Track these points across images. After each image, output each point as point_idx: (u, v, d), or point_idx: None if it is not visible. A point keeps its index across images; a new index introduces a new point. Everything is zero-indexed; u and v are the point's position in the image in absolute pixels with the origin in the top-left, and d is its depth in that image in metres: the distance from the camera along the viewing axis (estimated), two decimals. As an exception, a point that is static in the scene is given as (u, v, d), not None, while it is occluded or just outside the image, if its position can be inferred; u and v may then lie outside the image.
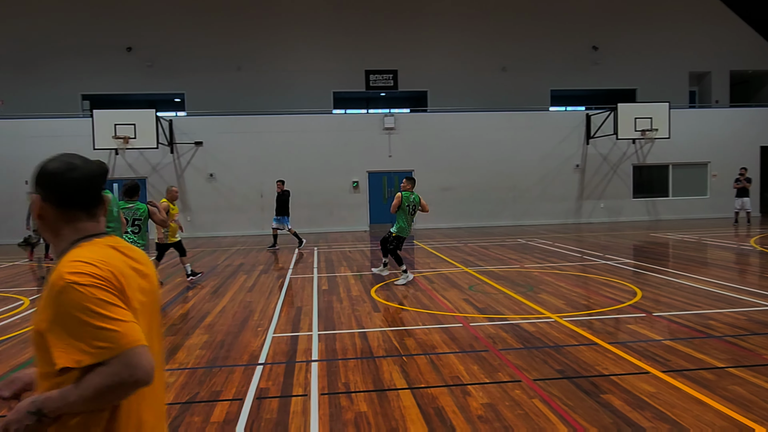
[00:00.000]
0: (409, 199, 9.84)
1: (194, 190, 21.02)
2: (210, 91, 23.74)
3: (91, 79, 23.45)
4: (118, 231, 6.77)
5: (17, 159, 20.20)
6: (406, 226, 9.89)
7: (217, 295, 9.25)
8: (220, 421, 4.16)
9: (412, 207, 9.90)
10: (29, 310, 8.38)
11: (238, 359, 5.69)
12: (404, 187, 9.97)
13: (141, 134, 18.77)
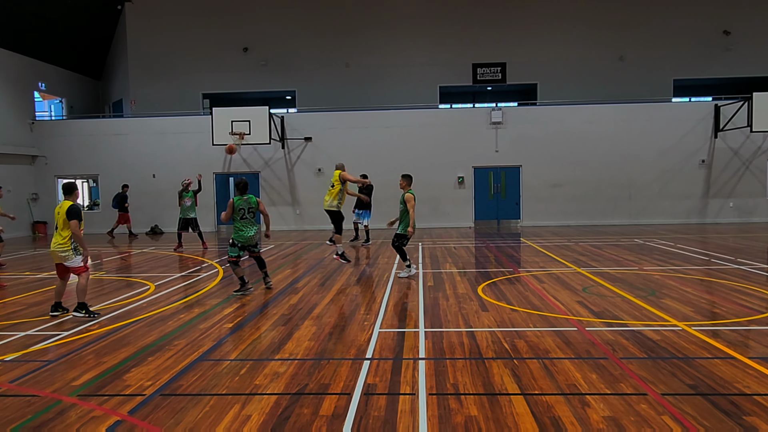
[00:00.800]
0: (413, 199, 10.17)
1: (303, 184, 21.66)
2: (319, 87, 24.41)
3: (211, 79, 24.89)
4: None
5: (146, 154, 21.88)
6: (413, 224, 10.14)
7: (324, 287, 9.40)
8: (328, 415, 4.15)
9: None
10: (155, 295, 8.95)
11: (345, 353, 5.70)
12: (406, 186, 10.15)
13: (255, 130, 19.61)
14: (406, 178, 10.15)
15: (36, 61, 22.47)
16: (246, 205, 8.76)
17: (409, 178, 10.16)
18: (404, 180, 10.12)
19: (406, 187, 10.04)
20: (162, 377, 5.03)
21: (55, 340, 6.40)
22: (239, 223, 8.79)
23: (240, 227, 8.80)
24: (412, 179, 10.19)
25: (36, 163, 22.40)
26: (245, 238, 8.82)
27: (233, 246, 8.90)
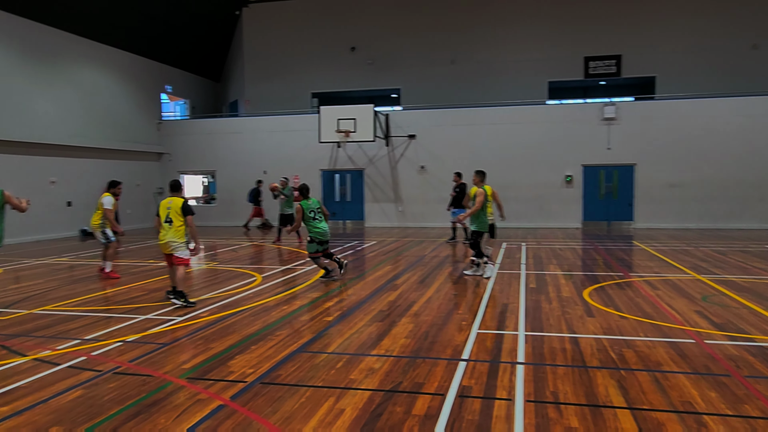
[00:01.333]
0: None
1: (406, 182, 21.77)
2: (424, 85, 24.40)
3: (320, 78, 25.66)
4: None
5: (258, 151, 22.97)
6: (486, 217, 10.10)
7: (424, 285, 9.36)
8: (421, 415, 4.09)
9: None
10: (261, 286, 9.35)
11: (441, 352, 5.62)
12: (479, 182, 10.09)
13: (360, 128, 19.95)
14: (479, 174, 10.08)
15: (163, 66, 24.29)
16: (314, 206, 9.88)
17: (481, 174, 10.09)
18: (477, 176, 10.04)
19: (479, 183, 9.97)
20: (263, 366, 5.22)
21: (171, 324, 6.85)
22: (312, 222, 9.76)
23: (314, 225, 9.76)
24: (485, 175, 10.13)
25: (161, 160, 24.23)
26: (322, 232, 9.77)
27: (311, 243, 9.83)
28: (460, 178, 15.43)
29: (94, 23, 19.95)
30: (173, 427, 3.90)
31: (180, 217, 7.90)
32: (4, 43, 16.88)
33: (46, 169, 18.25)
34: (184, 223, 7.90)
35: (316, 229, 9.72)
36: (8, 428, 3.92)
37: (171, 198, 8.12)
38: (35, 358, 5.56)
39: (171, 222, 7.95)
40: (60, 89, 18.99)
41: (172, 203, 8.01)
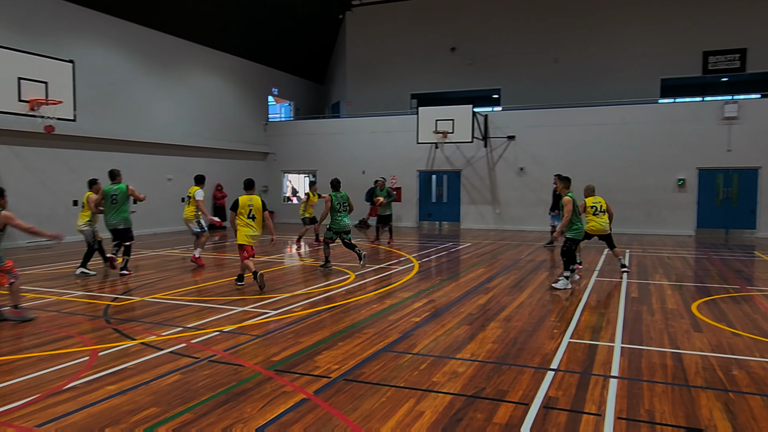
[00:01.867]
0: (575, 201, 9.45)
1: (504, 184, 21.32)
2: (526, 85, 23.77)
3: (419, 79, 25.74)
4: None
5: (358, 152, 23.42)
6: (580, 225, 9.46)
7: (517, 289, 9.11)
8: (502, 423, 3.97)
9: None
10: (353, 284, 9.51)
11: (529, 360, 5.42)
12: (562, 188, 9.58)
13: (458, 129, 19.78)
14: (563, 180, 9.52)
15: (270, 69, 25.42)
16: (341, 200, 10.96)
17: (566, 180, 9.50)
18: (561, 182, 9.50)
19: (563, 190, 9.42)
20: (348, 363, 5.29)
21: (265, 317, 7.14)
22: (337, 214, 10.94)
23: (337, 218, 10.97)
24: (570, 181, 9.51)
25: (267, 160, 25.37)
26: (341, 225, 10.99)
27: (329, 230, 11.14)
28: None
29: (208, 31, 21.25)
30: (258, 417, 4.04)
31: (261, 213, 8.96)
32: (131, 51, 18.39)
33: (163, 167, 19.68)
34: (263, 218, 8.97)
35: (336, 220, 10.98)
36: (113, 406, 4.25)
37: (250, 196, 8.97)
38: (142, 342, 5.99)
39: (254, 218, 8.96)
40: (177, 93, 20.41)
41: (252, 201, 8.98)
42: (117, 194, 10.20)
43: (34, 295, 8.59)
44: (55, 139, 15.37)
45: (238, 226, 8.96)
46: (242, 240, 8.96)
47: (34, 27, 15.28)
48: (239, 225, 8.95)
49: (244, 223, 8.94)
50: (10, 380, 4.82)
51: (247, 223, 8.93)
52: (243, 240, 8.95)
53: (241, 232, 8.94)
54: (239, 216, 8.94)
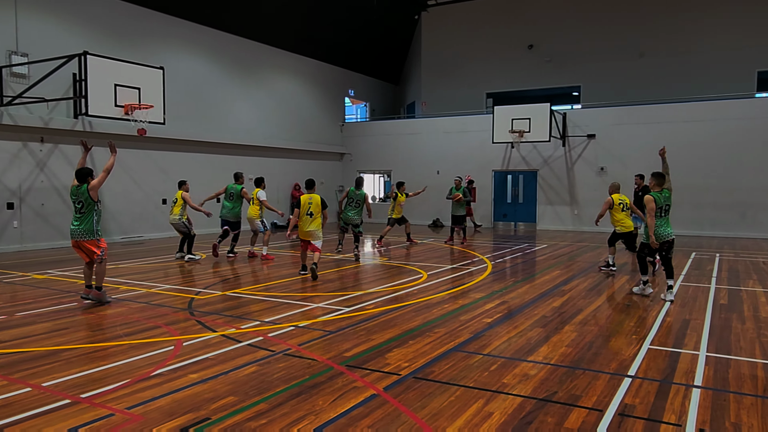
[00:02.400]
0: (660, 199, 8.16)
1: (583, 184, 20.66)
2: (607, 81, 22.93)
3: (495, 78, 25.41)
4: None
5: (432, 152, 23.41)
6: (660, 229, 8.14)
7: (594, 292, 8.83)
8: (574, 429, 3.87)
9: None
10: (426, 283, 9.54)
11: (604, 365, 5.25)
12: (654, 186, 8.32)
13: (535, 128, 19.38)
14: (657, 176, 8.24)
15: (347, 71, 25.87)
16: (357, 197, 12.69)
17: (659, 177, 8.22)
18: (654, 179, 8.26)
19: (654, 187, 8.26)
20: (418, 361, 5.33)
21: (338, 314, 7.30)
22: (347, 208, 12.85)
23: (347, 211, 12.88)
24: (664, 179, 8.23)
25: (343, 160, 25.83)
26: (348, 217, 12.89)
27: (341, 219, 13.22)
28: (642, 181, 14.25)
29: (287, 35, 21.90)
30: (329, 409, 4.15)
31: (319, 211, 9.96)
32: (215, 57, 19.26)
33: (244, 167, 20.40)
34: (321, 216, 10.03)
35: (345, 213, 12.94)
36: (195, 393, 4.49)
37: (310, 195, 10.11)
38: (222, 334, 6.28)
39: (312, 215, 9.96)
40: (257, 96, 21.17)
41: (312, 199, 10.01)
42: (233, 192, 12.56)
43: (126, 287, 9.19)
44: (146, 141, 16.35)
45: (298, 222, 10.02)
46: (300, 235, 10.14)
47: (128, 37, 16.32)
48: (299, 221, 10.01)
49: (302, 220, 9.99)
50: (105, 365, 5.20)
51: (304, 220, 9.97)
52: (300, 235, 10.14)
53: (299, 228, 10.04)
54: (300, 213, 9.99)
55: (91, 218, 7.64)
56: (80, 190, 7.64)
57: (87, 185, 7.64)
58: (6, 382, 4.75)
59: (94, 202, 7.66)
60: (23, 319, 7.06)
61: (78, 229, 7.61)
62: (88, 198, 7.61)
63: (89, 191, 7.60)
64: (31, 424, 3.90)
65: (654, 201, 8.03)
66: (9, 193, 13.82)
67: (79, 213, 7.64)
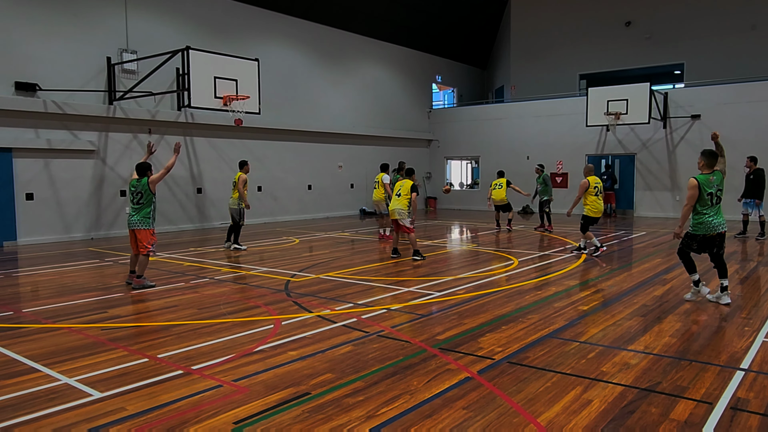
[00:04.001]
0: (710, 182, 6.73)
1: (686, 168, 19.42)
2: (714, 58, 21.33)
3: (589, 58, 24.34)
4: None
5: (521, 136, 22.87)
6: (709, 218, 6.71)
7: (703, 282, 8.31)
8: (680, 421, 3.70)
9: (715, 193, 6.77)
10: (517, 270, 9.38)
11: (713, 357, 4.96)
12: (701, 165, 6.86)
13: (633, 110, 18.42)
14: (707, 155, 6.78)
15: (434, 57, 25.72)
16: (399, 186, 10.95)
17: (710, 156, 6.76)
18: (703, 158, 6.79)
19: (703, 168, 6.81)
20: (512, 346, 5.27)
21: (429, 298, 7.34)
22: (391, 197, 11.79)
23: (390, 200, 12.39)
24: (716, 159, 6.80)
25: (430, 147, 25.78)
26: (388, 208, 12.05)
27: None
28: (754, 164, 13.27)
29: (374, 23, 22.06)
30: (423, 390, 4.21)
31: (408, 194, 10.51)
32: (306, 48, 19.75)
33: (335, 155, 20.92)
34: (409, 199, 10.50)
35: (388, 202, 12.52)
36: (295, 369, 4.69)
37: (405, 180, 10.79)
38: (318, 315, 6.50)
39: (399, 195, 10.58)
40: (346, 85, 21.51)
41: (404, 183, 10.66)
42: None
43: (227, 269, 9.70)
44: (242, 131, 17.09)
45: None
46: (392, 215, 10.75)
47: (226, 31, 17.07)
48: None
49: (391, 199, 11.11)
50: (212, 341, 5.53)
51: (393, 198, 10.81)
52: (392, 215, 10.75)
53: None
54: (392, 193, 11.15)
55: (147, 210, 8.19)
56: (140, 183, 8.17)
57: (147, 179, 8.19)
58: (126, 353, 5.18)
59: (152, 194, 8.20)
60: (137, 296, 7.64)
61: (134, 219, 8.17)
62: (147, 191, 8.15)
63: (149, 184, 8.17)
64: (150, 391, 4.23)
65: (698, 185, 6.65)
66: (122, 182, 14.92)
67: (136, 204, 8.18)
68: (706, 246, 6.83)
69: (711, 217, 6.69)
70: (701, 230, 6.74)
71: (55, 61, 13.55)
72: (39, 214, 13.45)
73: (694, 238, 6.84)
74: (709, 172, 6.77)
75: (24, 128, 13.17)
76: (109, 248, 12.47)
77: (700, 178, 6.71)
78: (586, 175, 11.01)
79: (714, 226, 6.69)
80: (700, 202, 6.68)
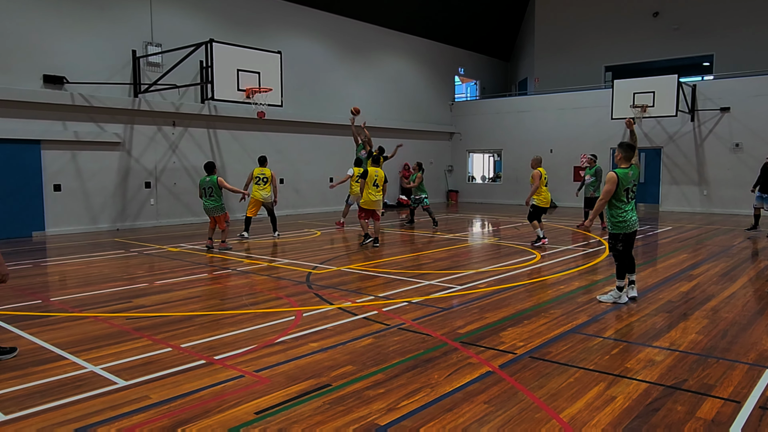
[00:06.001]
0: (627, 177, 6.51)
1: (715, 162, 19.05)
2: (745, 49, 20.83)
3: (614, 50, 23.94)
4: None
5: (545, 129, 22.62)
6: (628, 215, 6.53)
7: (727, 278, 8.16)
8: (707, 419, 3.63)
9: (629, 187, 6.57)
10: (540, 264, 9.29)
11: (741, 355, 4.86)
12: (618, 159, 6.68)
13: (659, 102, 18.08)
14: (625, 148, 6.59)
15: (457, 49, 25.51)
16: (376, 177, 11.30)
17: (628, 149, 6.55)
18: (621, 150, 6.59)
19: (621, 162, 6.61)
20: (534, 341, 5.22)
21: (450, 292, 7.31)
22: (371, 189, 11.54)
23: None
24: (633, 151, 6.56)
25: (452, 140, 25.63)
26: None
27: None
28: None
29: (396, 15, 21.94)
30: (444, 383, 4.19)
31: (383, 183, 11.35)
32: (328, 40, 19.74)
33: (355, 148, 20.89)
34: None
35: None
36: (316, 360, 4.71)
37: (376, 169, 11.23)
38: (339, 307, 6.52)
39: (378, 186, 11.18)
40: (368, 77, 21.46)
41: (378, 173, 11.15)
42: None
43: (249, 261, 9.77)
44: (264, 123, 17.16)
45: (365, 192, 11.18)
46: (364, 204, 11.23)
47: (249, 23, 17.13)
48: (366, 191, 11.15)
49: (369, 191, 11.12)
50: (234, 331, 5.58)
51: (372, 191, 11.12)
52: (365, 204, 11.23)
53: (365, 198, 11.17)
54: (367, 184, 11.11)
55: (219, 199, 10.75)
56: (211, 180, 10.66)
57: (216, 176, 10.66)
58: (150, 342, 5.25)
59: (220, 189, 10.69)
60: (161, 287, 7.74)
61: (211, 207, 10.75)
62: (216, 186, 10.66)
63: (219, 183, 10.65)
64: (174, 380, 4.29)
65: (618, 180, 6.40)
66: (146, 173, 15.11)
67: (209, 197, 10.71)
68: (629, 244, 6.64)
69: (629, 214, 6.53)
70: (622, 228, 6.56)
71: (82, 55, 13.75)
72: (66, 205, 13.69)
73: (617, 238, 6.62)
74: (626, 166, 6.54)
75: (52, 120, 13.40)
76: (135, 239, 12.65)
77: (620, 173, 6.44)
78: (536, 167, 11.08)
79: (633, 223, 6.57)
80: (616, 198, 6.47)
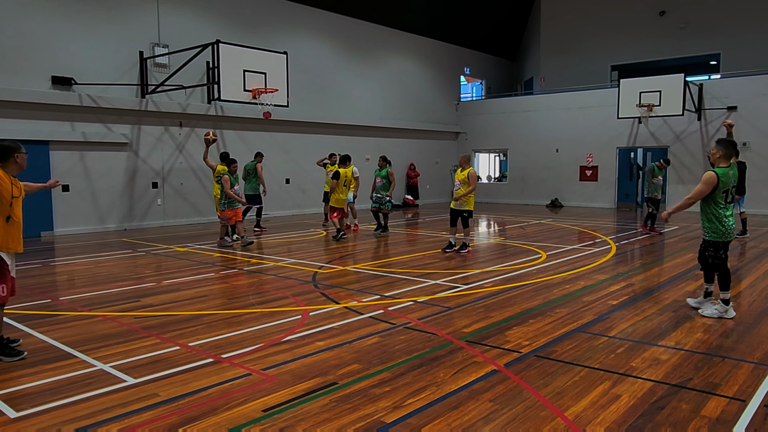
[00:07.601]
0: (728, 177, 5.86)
1: (721, 161, 18.95)
2: (752, 48, 20.74)
3: (621, 49, 23.89)
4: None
5: (551, 129, 22.59)
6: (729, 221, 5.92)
7: (734, 277, 8.10)
8: (711, 418, 3.64)
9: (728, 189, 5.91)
10: (545, 263, 9.30)
11: (747, 354, 4.86)
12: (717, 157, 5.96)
13: (666, 101, 18.05)
14: (726, 145, 5.98)
15: (462, 49, 25.51)
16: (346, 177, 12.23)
17: (730, 146, 5.96)
18: (721, 148, 5.97)
19: (721, 160, 5.98)
20: (539, 340, 5.24)
21: (455, 291, 7.33)
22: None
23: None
24: (735, 148, 6.03)
25: (458, 139, 25.63)
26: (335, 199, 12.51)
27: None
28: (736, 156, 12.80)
29: (402, 15, 21.97)
30: (450, 382, 4.22)
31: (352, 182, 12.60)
32: (334, 40, 19.79)
33: (363, 147, 20.94)
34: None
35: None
36: (322, 359, 4.75)
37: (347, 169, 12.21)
38: (345, 306, 6.55)
39: (347, 186, 12.23)
40: (374, 77, 21.50)
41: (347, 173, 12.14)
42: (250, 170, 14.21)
43: (255, 260, 9.82)
44: (270, 124, 17.22)
45: (336, 192, 12.01)
46: (335, 203, 12.04)
47: (255, 24, 17.20)
48: (337, 191, 11.99)
49: (341, 190, 12.00)
50: (241, 330, 5.63)
51: (342, 191, 12.00)
52: (336, 203, 12.03)
53: (336, 197, 12.01)
54: (338, 184, 11.92)
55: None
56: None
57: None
58: (159, 340, 5.30)
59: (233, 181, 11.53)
60: (169, 286, 7.80)
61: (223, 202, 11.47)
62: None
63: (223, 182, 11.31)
64: (182, 378, 4.33)
65: (718, 180, 5.78)
66: (153, 174, 15.19)
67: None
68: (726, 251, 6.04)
69: (730, 219, 5.92)
70: (723, 236, 5.92)
71: (89, 56, 13.85)
72: (74, 205, 13.79)
73: (718, 246, 5.97)
74: (726, 165, 5.93)
75: (60, 121, 13.51)
76: (142, 239, 12.74)
77: (719, 172, 5.83)
78: (466, 167, 10.18)
79: (733, 230, 5.98)
80: (715, 201, 5.88)
